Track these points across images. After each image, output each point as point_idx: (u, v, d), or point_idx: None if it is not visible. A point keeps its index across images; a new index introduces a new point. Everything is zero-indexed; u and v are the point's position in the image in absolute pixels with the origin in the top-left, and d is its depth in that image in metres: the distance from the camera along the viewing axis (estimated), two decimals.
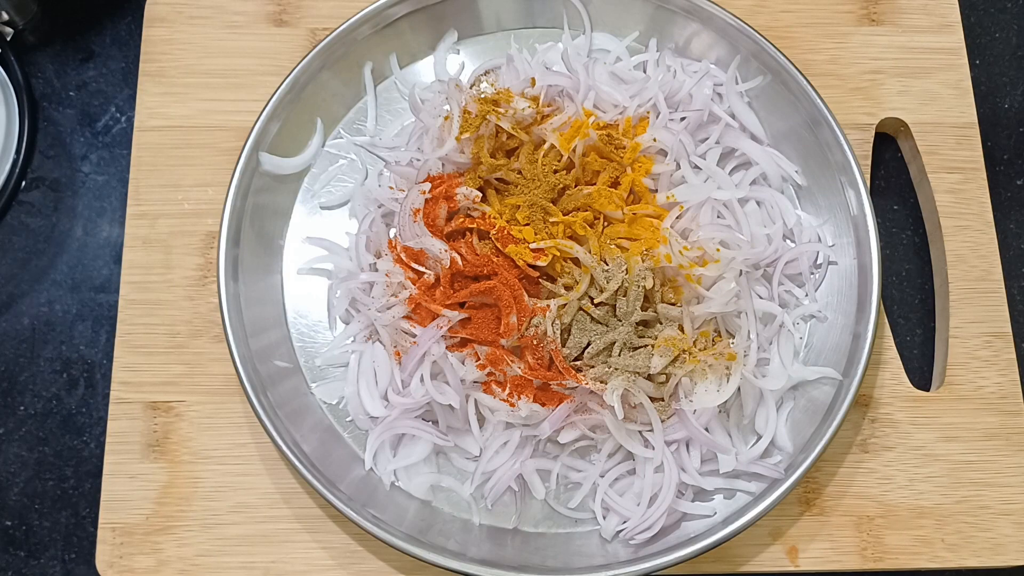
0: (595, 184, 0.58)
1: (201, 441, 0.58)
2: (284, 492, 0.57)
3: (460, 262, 0.56)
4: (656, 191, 0.60)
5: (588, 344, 0.55)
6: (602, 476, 0.56)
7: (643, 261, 0.55)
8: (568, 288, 0.56)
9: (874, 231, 0.58)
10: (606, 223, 0.58)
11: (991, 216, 0.64)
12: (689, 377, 0.55)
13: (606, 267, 0.56)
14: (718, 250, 0.56)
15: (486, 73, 0.64)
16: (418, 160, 0.60)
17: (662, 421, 0.55)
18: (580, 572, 0.53)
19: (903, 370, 0.61)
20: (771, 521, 0.57)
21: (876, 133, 0.66)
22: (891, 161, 0.67)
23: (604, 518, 0.55)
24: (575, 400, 0.55)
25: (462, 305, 0.56)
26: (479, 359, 0.55)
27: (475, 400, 0.56)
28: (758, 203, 0.61)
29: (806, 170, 0.62)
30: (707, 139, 0.62)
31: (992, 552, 0.58)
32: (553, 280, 0.56)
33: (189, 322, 0.60)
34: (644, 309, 0.56)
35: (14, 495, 0.59)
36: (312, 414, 0.58)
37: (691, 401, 0.55)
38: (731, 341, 0.57)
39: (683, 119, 0.61)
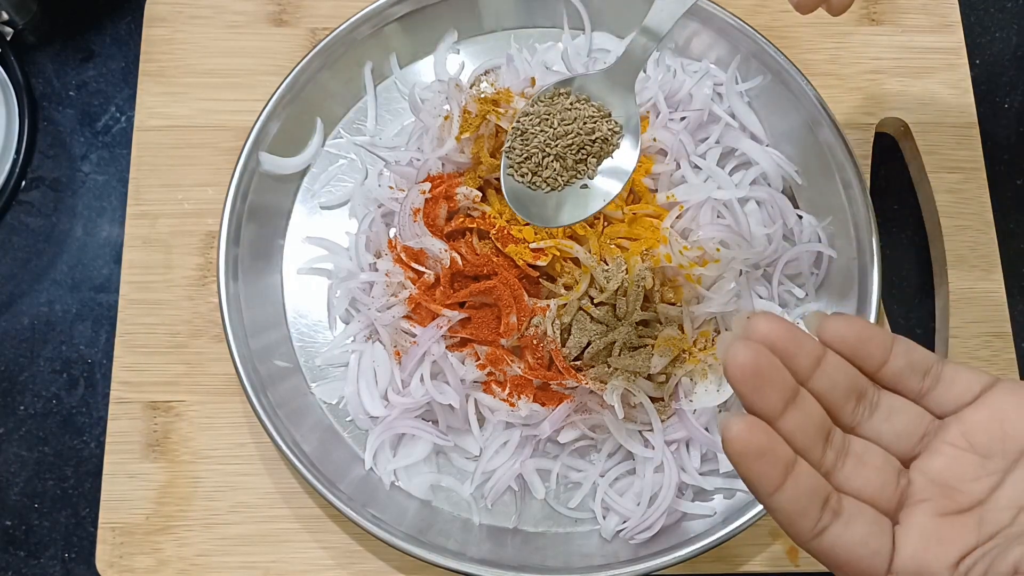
0: None
1: (201, 441, 0.58)
2: (284, 492, 0.57)
3: (460, 262, 0.56)
4: (656, 191, 0.60)
5: (588, 344, 0.55)
6: (602, 476, 0.56)
7: (643, 261, 0.55)
8: (568, 288, 0.56)
9: (874, 231, 0.58)
10: (606, 223, 0.58)
11: (991, 216, 0.64)
12: (689, 377, 0.55)
13: (606, 267, 0.56)
14: (718, 250, 0.56)
15: (486, 73, 0.64)
16: (418, 160, 0.60)
17: (662, 421, 0.55)
18: (580, 572, 0.53)
19: None
20: (771, 521, 0.57)
21: (876, 133, 0.66)
22: (891, 161, 0.67)
23: (604, 518, 0.55)
24: (575, 400, 0.55)
25: (462, 305, 0.56)
26: (479, 359, 0.55)
27: (475, 400, 0.56)
28: (758, 203, 0.61)
29: (806, 170, 0.62)
30: (707, 139, 0.62)
31: None
32: (553, 280, 0.56)
33: (189, 322, 0.60)
34: (644, 309, 0.56)
35: (14, 495, 0.59)
36: (312, 414, 0.58)
37: (691, 401, 0.55)
38: None
39: (683, 119, 0.61)
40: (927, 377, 0.35)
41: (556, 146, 0.45)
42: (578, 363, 0.56)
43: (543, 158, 0.46)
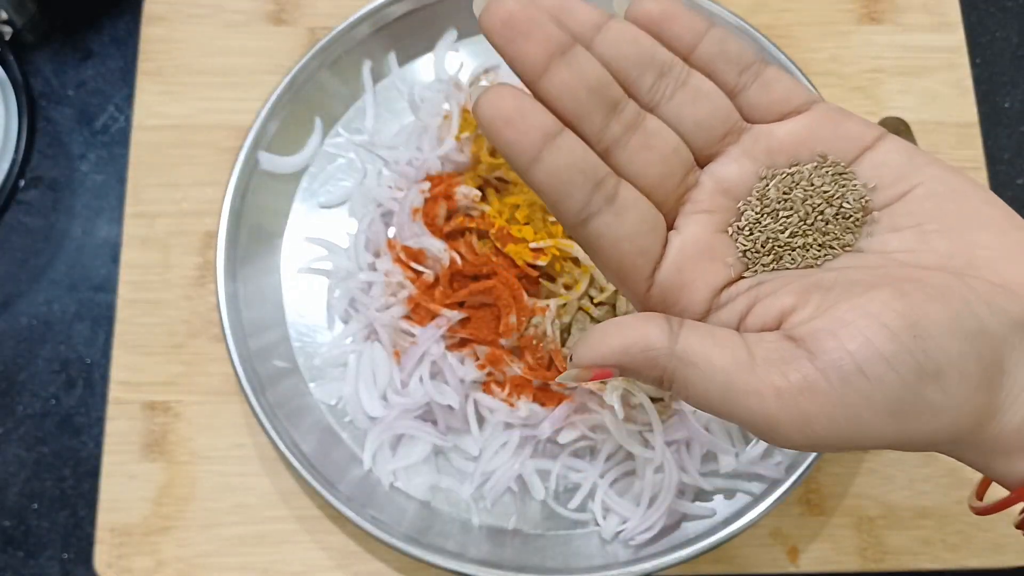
0: None
1: (200, 441, 0.58)
2: (283, 492, 0.57)
3: (459, 261, 0.56)
4: None
5: None
6: (602, 476, 0.56)
7: None
8: (568, 288, 0.56)
9: None
10: None
11: None
12: None
13: None
14: None
15: (485, 72, 0.64)
16: (417, 159, 0.60)
17: (662, 421, 0.55)
18: (580, 572, 0.52)
19: None
20: (771, 521, 0.57)
21: None
22: None
23: (604, 519, 0.55)
24: (575, 400, 0.54)
25: (461, 305, 0.56)
26: (478, 359, 0.55)
27: (475, 400, 0.55)
28: None
29: None
30: None
31: (993, 552, 0.57)
32: (553, 280, 0.56)
33: (187, 322, 0.60)
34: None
35: (12, 495, 0.59)
36: (311, 414, 0.57)
37: None
38: None
39: None
40: (745, 73, 0.31)
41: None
42: None
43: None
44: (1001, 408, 0.29)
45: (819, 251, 0.31)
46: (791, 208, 0.31)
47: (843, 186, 0.31)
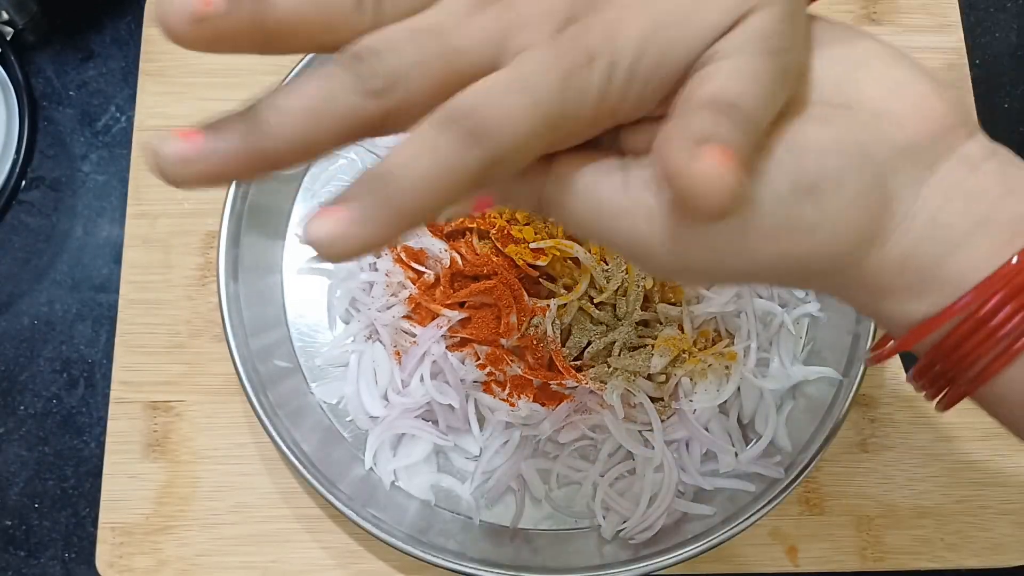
0: None
1: (201, 441, 0.58)
2: (284, 492, 0.57)
3: (460, 262, 0.56)
4: None
5: (588, 344, 0.55)
6: (602, 476, 0.56)
7: None
8: (568, 288, 0.56)
9: None
10: None
11: None
12: (689, 377, 0.55)
13: (606, 267, 0.56)
14: None
15: None
16: None
17: (662, 421, 0.55)
18: (580, 572, 0.53)
19: (903, 370, 0.61)
20: (771, 521, 0.57)
21: None
22: None
23: (604, 518, 0.55)
24: (575, 400, 0.55)
25: (462, 305, 0.56)
26: (479, 359, 0.55)
27: (475, 400, 0.56)
28: None
29: None
30: None
31: (992, 552, 0.58)
32: (553, 280, 0.56)
33: (189, 322, 0.60)
34: (644, 309, 0.56)
35: (14, 495, 0.59)
36: (312, 414, 0.58)
37: (691, 401, 0.55)
38: (731, 341, 0.57)
39: None
40: None
41: None
42: (578, 363, 0.56)
43: None
44: (885, 233, 0.27)
45: None
46: None
47: None
